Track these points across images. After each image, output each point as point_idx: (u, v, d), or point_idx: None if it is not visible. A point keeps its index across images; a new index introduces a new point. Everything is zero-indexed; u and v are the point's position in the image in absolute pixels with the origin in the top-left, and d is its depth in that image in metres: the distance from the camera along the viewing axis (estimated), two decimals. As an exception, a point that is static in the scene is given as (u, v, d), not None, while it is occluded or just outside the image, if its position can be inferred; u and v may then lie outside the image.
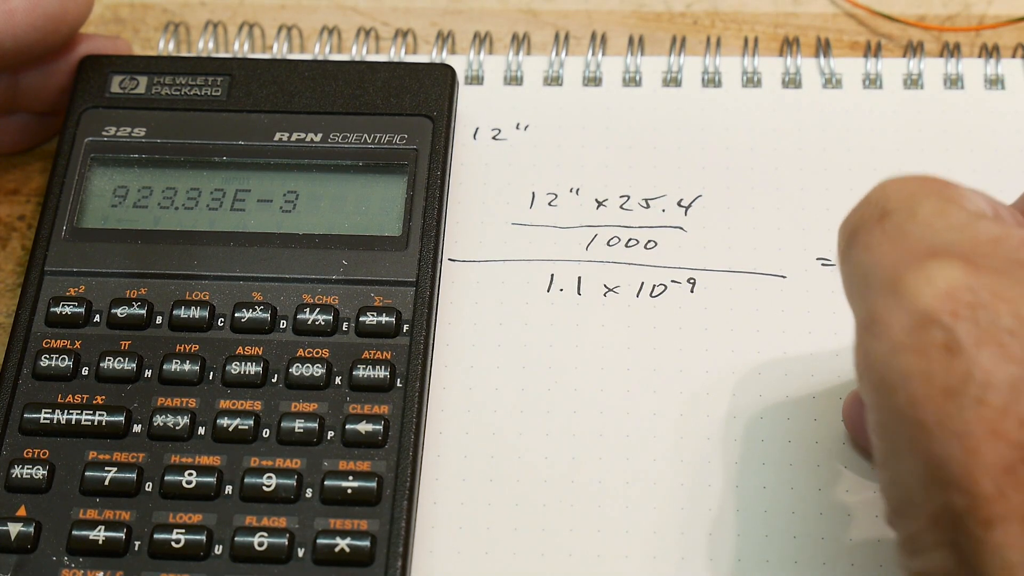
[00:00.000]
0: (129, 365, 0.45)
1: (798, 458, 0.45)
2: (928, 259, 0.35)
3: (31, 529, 0.42)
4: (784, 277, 0.49)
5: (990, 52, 0.54)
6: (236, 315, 0.46)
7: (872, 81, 0.54)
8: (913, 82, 0.54)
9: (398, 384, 0.44)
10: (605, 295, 0.48)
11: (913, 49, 0.54)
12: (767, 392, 0.46)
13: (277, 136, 0.50)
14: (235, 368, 0.45)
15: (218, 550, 0.42)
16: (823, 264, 0.49)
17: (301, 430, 0.43)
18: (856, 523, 0.43)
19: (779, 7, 0.57)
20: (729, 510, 0.44)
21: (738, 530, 0.43)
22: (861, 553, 0.43)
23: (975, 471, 0.33)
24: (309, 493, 0.42)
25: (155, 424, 0.44)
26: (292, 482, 0.42)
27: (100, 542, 0.42)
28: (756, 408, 0.46)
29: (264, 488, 0.42)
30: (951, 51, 0.54)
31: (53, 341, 0.45)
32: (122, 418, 0.44)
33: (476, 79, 0.54)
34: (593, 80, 0.54)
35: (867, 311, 0.36)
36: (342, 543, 0.41)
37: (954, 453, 0.33)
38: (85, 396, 0.44)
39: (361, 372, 0.44)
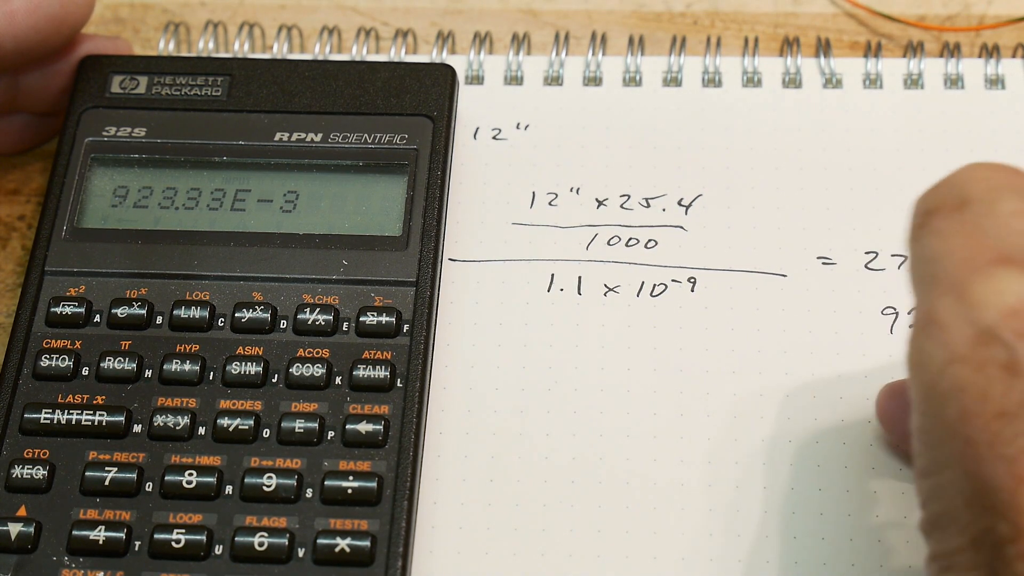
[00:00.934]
0: (129, 365, 0.45)
1: (799, 458, 0.45)
2: (998, 266, 0.34)
3: (31, 529, 0.42)
4: (785, 276, 0.49)
5: (990, 52, 0.54)
6: (236, 315, 0.46)
7: (872, 81, 0.54)
8: (913, 82, 0.54)
9: (398, 384, 0.44)
10: (605, 295, 0.48)
11: (913, 49, 0.54)
12: (768, 392, 0.46)
13: (277, 136, 0.50)
14: (235, 368, 0.45)
15: (218, 550, 0.42)
16: (823, 263, 0.49)
17: (301, 430, 0.43)
18: (856, 523, 0.43)
19: (779, 7, 0.57)
20: (729, 510, 0.44)
21: (738, 530, 0.43)
22: (861, 553, 0.43)
23: (1022, 501, 0.32)
24: (309, 493, 0.42)
25: (155, 424, 0.44)
26: (292, 482, 0.42)
27: (100, 542, 0.42)
28: (757, 408, 0.46)
29: (264, 488, 0.42)
30: (951, 51, 0.54)
31: (53, 341, 0.45)
32: (122, 418, 0.44)
33: (476, 79, 0.54)
34: (593, 80, 0.54)
35: (928, 308, 0.35)
36: (342, 543, 0.41)
37: (1002, 479, 0.32)
38: (85, 396, 0.44)
39: (361, 372, 0.44)
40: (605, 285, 0.49)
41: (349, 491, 0.42)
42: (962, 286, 0.34)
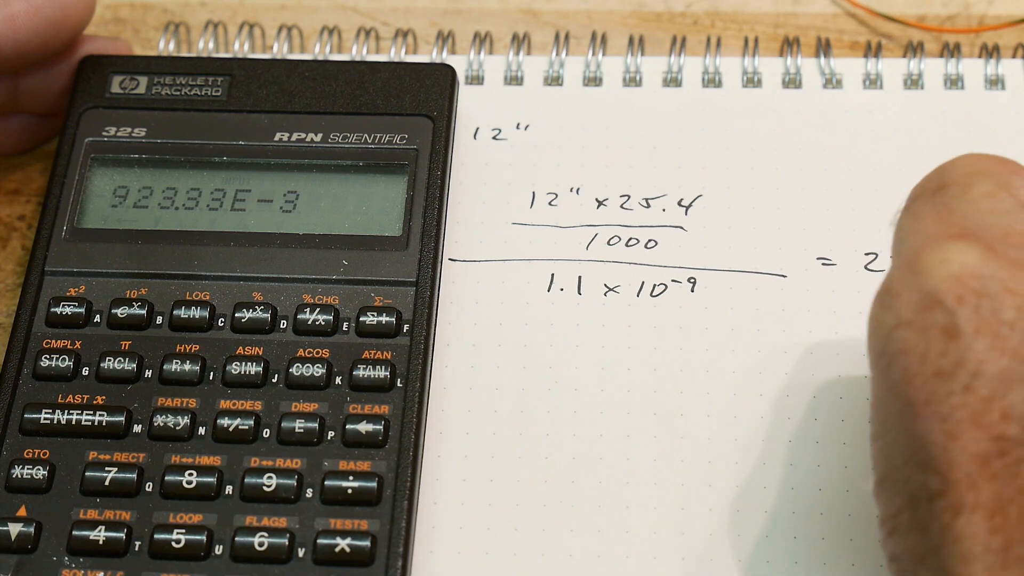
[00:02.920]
0: (129, 365, 0.45)
1: (799, 458, 0.45)
2: (952, 240, 0.35)
3: (31, 529, 0.42)
4: (784, 276, 0.49)
5: (990, 52, 0.54)
6: (236, 315, 0.46)
7: (872, 81, 0.54)
8: (913, 82, 0.54)
9: (398, 384, 0.44)
10: (605, 295, 0.48)
11: (913, 49, 0.54)
12: (767, 392, 0.46)
13: (277, 136, 0.50)
14: (235, 368, 0.45)
15: (218, 550, 0.42)
16: (823, 263, 0.49)
17: (301, 430, 0.43)
18: (856, 523, 0.43)
19: (779, 7, 0.57)
20: (729, 510, 0.44)
21: (739, 530, 0.43)
22: (861, 553, 0.43)
23: (952, 456, 0.33)
24: (309, 493, 0.42)
25: (155, 424, 0.44)
26: (292, 482, 0.42)
27: (100, 542, 0.42)
28: (756, 408, 0.46)
29: (264, 488, 0.42)
30: (951, 51, 0.54)
31: (53, 341, 0.45)
32: (122, 418, 0.44)
33: (476, 79, 0.54)
34: (593, 80, 0.54)
35: (886, 280, 0.36)
36: (342, 543, 0.41)
37: (935, 435, 0.34)
38: (85, 396, 0.44)
39: (361, 372, 0.44)
40: (605, 285, 0.49)
41: (349, 491, 0.42)
42: (915, 257, 0.36)
